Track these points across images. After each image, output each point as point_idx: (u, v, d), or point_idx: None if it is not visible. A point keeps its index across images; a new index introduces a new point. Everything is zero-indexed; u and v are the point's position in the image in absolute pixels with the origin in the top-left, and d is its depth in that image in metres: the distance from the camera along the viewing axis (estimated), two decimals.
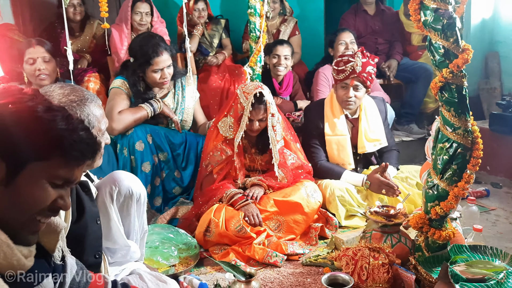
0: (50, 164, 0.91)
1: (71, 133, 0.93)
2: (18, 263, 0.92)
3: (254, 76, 3.07)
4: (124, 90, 2.73)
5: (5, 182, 0.88)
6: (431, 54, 1.73)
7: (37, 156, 0.89)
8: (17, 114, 0.89)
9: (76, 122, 0.96)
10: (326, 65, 3.60)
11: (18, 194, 0.90)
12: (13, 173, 0.88)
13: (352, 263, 1.82)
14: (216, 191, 2.47)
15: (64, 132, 0.92)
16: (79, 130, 0.95)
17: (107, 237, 1.68)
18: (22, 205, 0.92)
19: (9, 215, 0.91)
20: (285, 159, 2.61)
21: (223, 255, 2.24)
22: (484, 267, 1.71)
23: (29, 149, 0.89)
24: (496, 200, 3.02)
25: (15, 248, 0.91)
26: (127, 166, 2.61)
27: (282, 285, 1.99)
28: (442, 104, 1.74)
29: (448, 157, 1.73)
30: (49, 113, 0.92)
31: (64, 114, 0.95)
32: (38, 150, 0.89)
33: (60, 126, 0.91)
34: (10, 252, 0.90)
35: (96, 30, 3.68)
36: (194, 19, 3.75)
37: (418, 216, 1.84)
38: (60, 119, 0.92)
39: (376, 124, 2.91)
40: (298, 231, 2.43)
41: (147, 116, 2.69)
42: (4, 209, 0.90)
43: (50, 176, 0.92)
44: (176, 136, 2.80)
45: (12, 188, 0.89)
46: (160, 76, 2.70)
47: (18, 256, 0.91)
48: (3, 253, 0.89)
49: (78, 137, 0.94)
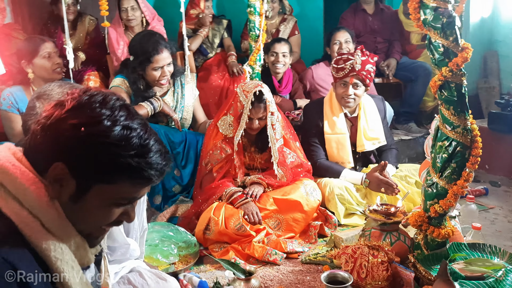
0: (116, 187, 0.90)
1: (141, 159, 0.89)
2: (87, 262, 0.98)
3: (253, 75, 3.07)
4: (124, 89, 2.73)
5: (74, 198, 0.90)
6: (430, 52, 1.73)
7: (103, 180, 0.89)
8: (90, 137, 0.86)
9: (151, 143, 0.91)
10: (320, 63, 3.67)
11: (85, 211, 0.92)
12: (81, 191, 0.90)
13: (352, 261, 1.82)
14: (215, 189, 2.47)
15: (134, 159, 0.88)
16: (152, 155, 0.90)
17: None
18: (88, 221, 0.94)
19: (77, 226, 0.94)
20: (285, 157, 2.61)
21: (223, 253, 2.24)
22: (483, 265, 1.72)
23: (96, 172, 0.88)
24: (494, 198, 3.03)
25: (89, 251, 0.98)
26: None
27: (281, 283, 2.00)
28: (441, 103, 1.75)
29: (447, 156, 1.73)
30: (124, 133, 0.87)
31: (140, 133, 0.89)
32: (104, 174, 0.88)
33: (131, 152, 0.87)
34: (85, 255, 0.96)
35: (89, 26, 3.66)
36: (204, 18, 3.71)
37: (417, 214, 1.85)
38: (134, 141, 0.88)
39: (375, 122, 2.91)
40: (297, 229, 2.43)
41: (147, 115, 2.69)
42: (73, 221, 0.93)
43: (116, 198, 0.92)
44: (176, 135, 2.80)
45: (80, 204, 0.91)
46: (160, 74, 2.70)
47: (89, 257, 0.98)
48: (80, 255, 0.94)
49: (148, 164, 0.90)
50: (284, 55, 3.45)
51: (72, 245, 0.93)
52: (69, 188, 0.89)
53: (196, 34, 3.68)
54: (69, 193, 0.90)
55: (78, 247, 0.94)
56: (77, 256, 0.94)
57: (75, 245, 0.94)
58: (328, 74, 3.59)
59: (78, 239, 0.94)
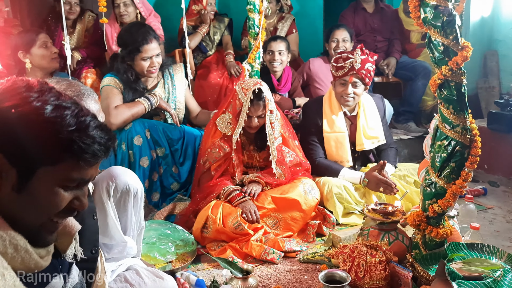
0: (61, 168, 0.86)
1: (82, 134, 0.86)
2: (35, 265, 0.90)
3: (252, 73, 3.06)
4: (115, 86, 2.70)
5: (17, 188, 0.85)
6: (430, 51, 1.72)
7: (46, 161, 0.85)
8: (22, 118, 0.82)
9: (88, 119, 0.88)
10: (318, 57, 3.68)
11: (32, 200, 0.87)
12: (24, 179, 0.85)
13: (349, 260, 1.82)
14: (213, 187, 2.46)
15: (74, 134, 0.85)
16: (91, 129, 0.87)
17: (104, 232, 1.67)
18: (37, 210, 0.89)
19: (25, 219, 0.88)
20: (283, 156, 2.61)
21: (220, 251, 2.24)
22: (481, 265, 1.71)
23: (37, 154, 0.84)
24: (493, 198, 3.02)
25: (33, 252, 0.89)
26: (125, 161, 2.61)
27: (279, 282, 1.99)
28: (441, 102, 1.74)
29: (447, 155, 1.73)
30: (58, 112, 0.85)
31: (74, 111, 0.87)
32: (46, 155, 0.84)
33: (70, 128, 0.85)
34: (28, 257, 0.88)
35: (87, 23, 3.66)
36: (205, 15, 3.69)
37: (416, 214, 1.84)
38: (69, 119, 0.85)
39: (375, 121, 2.91)
40: (295, 228, 2.43)
41: (144, 111, 2.68)
42: (20, 214, 0.87)
43: (63, 180, 0.88)
44: (174, 132, 2.80)
45: (25, 193, 0.86)
46: (149, 65, 2.69)
47: (36, 260, 0.90)
48: (21, 258, 0.87)
49: (90, 137, 0.87)
50: (280, 53, 3.44)
51: (7, 247, 0.84)
52: (10, 178, 0.84)
53: (196, 32, 3.67)
54: (11, 184, 0.84)
55: (17, 249, 0.86)
56: (15, 260, 0.85)
57: (11, 246, 0.85)
58: (324, 68, 3.60)
59: (16, 240, 0.86)
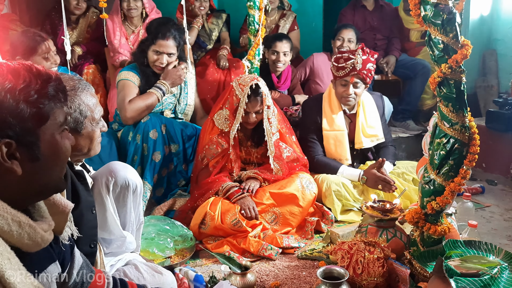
0: (51, 119, 0.93)
1: (46, 85, 0.94)
2: (42, 239, 0.93)
3: (252, 70, 3.06)
4: (131, 80, 2.73)
5: (33, 157, 0.90)
6: (430, 49, 1.72)
7: (41, 120, 0.91)
8: (6, 99, 0.87)
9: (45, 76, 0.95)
10: (322, 53, 3.70)
11: (51, 156, 0.93)
12: (34, 147, 0.90)
13: (348, 257, 1.82)
14: (212, 184, 2.46)
15: (49, 88, 0.93)
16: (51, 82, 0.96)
17: (103, 227, 1.67)
18: (58, 162, 0.96)
19: (53, 177, 0.95)
20: (281, 151, 2.61)
21: (217, 245, 2.24)
22: (478, 262, 1.72)
23: (31, 119, 0.89)
24: (491, 197, 3.03)
25: (37, 226, 0.92)
26: (138, 153, 2.61)
27: (277, 278, 2.00)
28: (440, 100, 1.74)
29: (445, 153, 1.73)
30: (23, 79, 0.91)
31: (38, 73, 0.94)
32: (38, 115, 0.90)
33: (46, 84, 0.93)
34: (33, 232, 0.91)
35: (90, 18, 3.65)
36: (195, 10, 3.69)
37: (414, 211, 1.85)
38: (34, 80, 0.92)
39: (374, 120, 2.91)
40: (294, 223, 2.43)
41: (157, 100, 2.71)
42: (48, 176, 0.94)
43: (58, 126, 0.95)
44: (188, 129, 2.83)
45: (42, 156, 0.91)
46: (157, 59, 2.71)
47: (41, 234, 0.93)
48: (27, 234, 0.89)
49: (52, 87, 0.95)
50: (285, 54, 3.44)
51: (10, 225, 0.87)
52: (23, 154, 0.89)
53: (191, 26, 3.65)
54: (28, 157, 0.90)
55: (21, 225, 0.89)
56: (21, 237, 0.88)
57: (15, 224, 0.88)
58: (327, 64, 3.60)
59: (17, 217, 0.88)
